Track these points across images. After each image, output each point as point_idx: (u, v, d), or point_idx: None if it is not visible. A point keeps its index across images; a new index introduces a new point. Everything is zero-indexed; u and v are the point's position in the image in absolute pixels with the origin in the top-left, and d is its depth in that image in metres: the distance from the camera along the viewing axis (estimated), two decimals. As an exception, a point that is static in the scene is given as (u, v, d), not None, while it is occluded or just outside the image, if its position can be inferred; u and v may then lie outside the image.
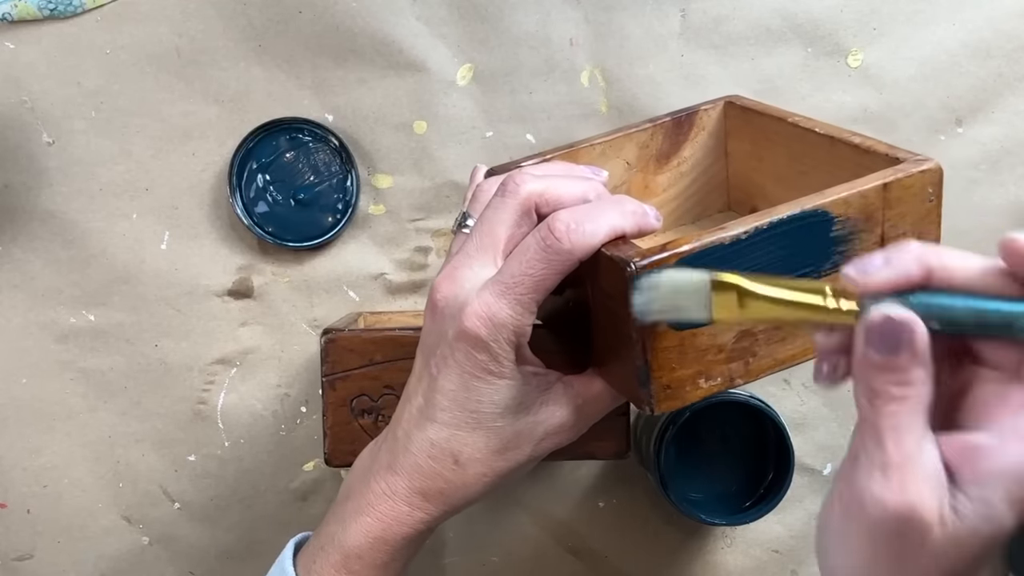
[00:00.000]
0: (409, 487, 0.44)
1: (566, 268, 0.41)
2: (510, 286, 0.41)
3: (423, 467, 0.44)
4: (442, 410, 0.43)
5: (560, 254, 0.41)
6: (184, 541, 0.66)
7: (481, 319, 0.41)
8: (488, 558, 0.67)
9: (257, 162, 0.64)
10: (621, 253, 0.41)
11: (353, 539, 0.44)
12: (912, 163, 0.45)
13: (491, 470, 0.44)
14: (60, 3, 0.63)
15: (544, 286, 0.41)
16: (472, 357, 0.42)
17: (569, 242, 0.40)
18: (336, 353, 0.53)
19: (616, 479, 0.67)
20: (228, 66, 0.64)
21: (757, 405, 0.59)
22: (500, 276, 0.42)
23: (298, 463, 0.66)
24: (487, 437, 0.43)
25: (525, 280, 0.41)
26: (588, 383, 0.46)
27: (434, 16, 0.64)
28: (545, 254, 0.41)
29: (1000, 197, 0.66)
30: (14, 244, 0.64)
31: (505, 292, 0.41)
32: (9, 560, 0.65)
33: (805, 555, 0.67)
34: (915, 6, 0.66)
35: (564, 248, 0.40)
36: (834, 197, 0.43)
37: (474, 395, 0.43)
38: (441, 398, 0.43)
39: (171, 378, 0.65)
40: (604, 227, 0.41)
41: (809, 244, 0.43)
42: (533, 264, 0.41)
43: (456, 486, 0.44)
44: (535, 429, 0.44)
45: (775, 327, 0.43)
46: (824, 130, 0.51)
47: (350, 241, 0.66)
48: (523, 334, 0.42)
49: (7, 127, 0.64)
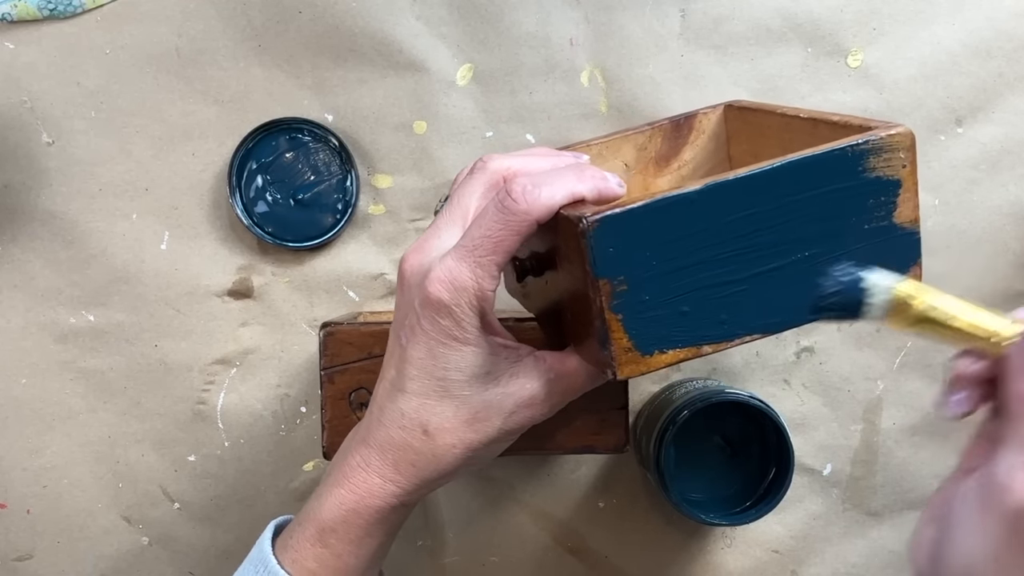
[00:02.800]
0: (381, 459, 0.44)
1: (524, 230, 0.42)
2: (470, 249, 0.42)
3: (394, 438, 0.44)
4: (411, 379, 0.44)
5: (517, 215, 0.41)
6: (184, 541, 0.66)
7: (443, 283, 0.42)
8: (488, 558, 0.67)
9: (257, 162, 0.64)
10: (575, 211, 0.41)
11: (328, 512, 0.45)
12: (882, 129, 0.45)
13: (460, 441, 0.44)
14: (60, 3, 0.63)
15: (503, 247, 0.42)
16: (436, 323, 0.43)
17: (525, 203, 0.41)
18: (335, 346, 0.54)
19: (616, 479, 0.67)
20: (228, 66, 0.64)
21: (757, 405, 0.59)
22: (462, 241, 0.42)
23: (298, 463, 0.66)
24: (455, 407, 0.44)
25: (485, 243, 0.41)
26: (562, 358, 0.46)
27: (434, 16, 0.64)
28: (502, 215, 0.41)
29: (1000, 197, 0.66)
30: (14, 244, 0.64)
31: (465, 256, 0.42)
32: (9, 560, 0.65)
33: (805, 555, 0.67)
34: (915, 6, 0.66)
35: (520, 208, 0.41)
36: (794, 157, 0.43)
37: (440, 362, 0.43)
38: (410, 367, 0.44)
39: (171, 378, 0.65)
40: (561, 190, 0.42)
41: (768, 205, 0.43)
42: (491, 227, 0.41)
43: (427, 458, 0.44)
44: (504, 401, 0.45)
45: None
46: (807, 114, 0.51)
47: (350, 241, 0.66)
48: (485, 298, 0.43)
49: (7, 127, 0.64)
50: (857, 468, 0.67)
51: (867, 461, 0.67)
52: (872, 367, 0.67)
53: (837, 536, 0.67)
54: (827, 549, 0.67)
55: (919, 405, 0.67)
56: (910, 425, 0.67)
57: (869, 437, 0.67)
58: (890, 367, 0.67)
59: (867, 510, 0.67)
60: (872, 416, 0.67)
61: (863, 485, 0.67)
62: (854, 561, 0.67)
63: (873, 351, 0.67)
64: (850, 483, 0.67)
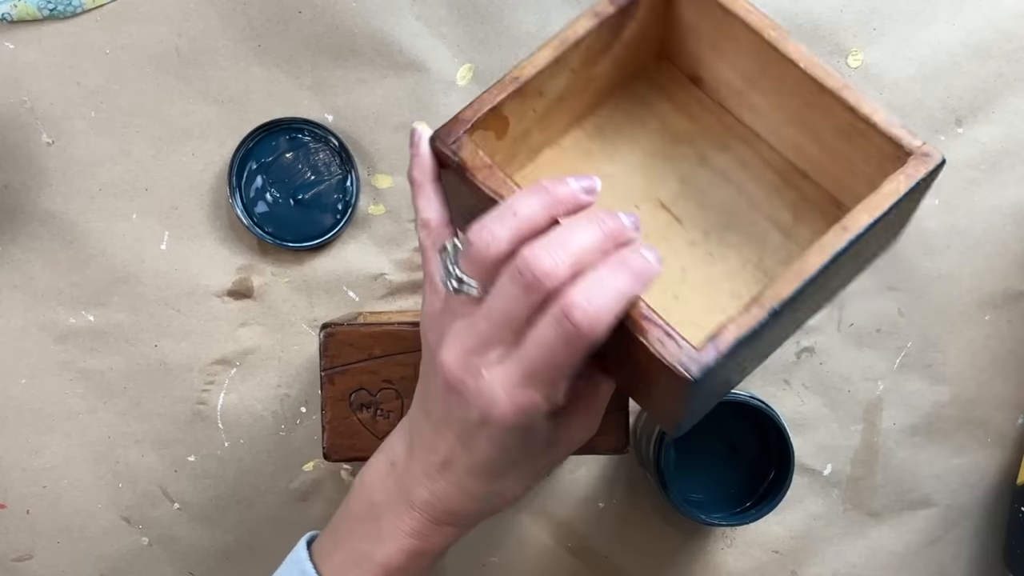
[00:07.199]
0: (445, 513, 0.45)
1: (589, 348, 0.40)
2: (538, 377, 0.41)
3: (460, 501, 0.45)
4: (474, 475, 0.44)
5: (582, 340, 0.40)
6: (184, 541, 0.66)
7: (517, 411, 0.41)
8: (488, 558, 0.67)
9: (257, 162, 0.64)
10: (670, 356, 0.40)
11: (395, 560, 0.45)
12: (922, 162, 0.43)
13: (523, 491, 0.47)
14: (60, 3, 0.63)
15: (570, 366, 0.41)
16: (508, 436, 0.42)
17: (590, 330, 0.39)
18: (335, 347, 0.53)
19: (616, 479, 0.67)
20: (228, 66, 0.64)
21: (757, 405, 0.59)
22: (524, 367, 0.41)
23: (298, 463, 0.66)
24: (523, 474, 0.46)
25: (551, 371, 0.41)
26: (595, 389, 0.46)
27: (434, 16, 0.64)
28: (567, 345, 0.40)
29: (1000, 197, 0.66)
30: (14, 244, 0.64)
31: (534, 383, 0.41)
32: (9, 560, 0.65)
33: (805, 555, 0.67)
34: (915, 6, 0.66)
35: (585, 336, 0.39)
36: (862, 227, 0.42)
37: (513, 456, 0.44)
38: (473, 464, 0.44)
39: (171, 378, 0.65)
40: (619, 302, 0.40)
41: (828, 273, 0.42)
42: (556, 355, 0.40)
43: (490, 511, 0.47)
44: (558, 451, 0.46)
45: None
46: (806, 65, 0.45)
47: (350, 241, 0.66)
48: (557, 403, 0.42)
49: (7, 127, 0.64)
50: (857, 468, 0.67)
51: (867, 461, 0.67)
52: (872, 367, 0.67)
53: (837, 536, 0.67)
54: (827, 549, 0.67)
55: (919, 405, 0.67)
56: (910, 425, 0.67)
57: (869, 437, 0.67)
58: (890, 367, 0.67)
59: (867, 510, 0.67)
60: (872, 416, 0.67)
61: (863, 485, 0.67)
62: (854, 561, 0.67)
63: (873, 351, 0.67)
64: (850, 483, 0.67)
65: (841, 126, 0.45)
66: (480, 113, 0.43)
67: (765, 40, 0.45)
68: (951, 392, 0.67)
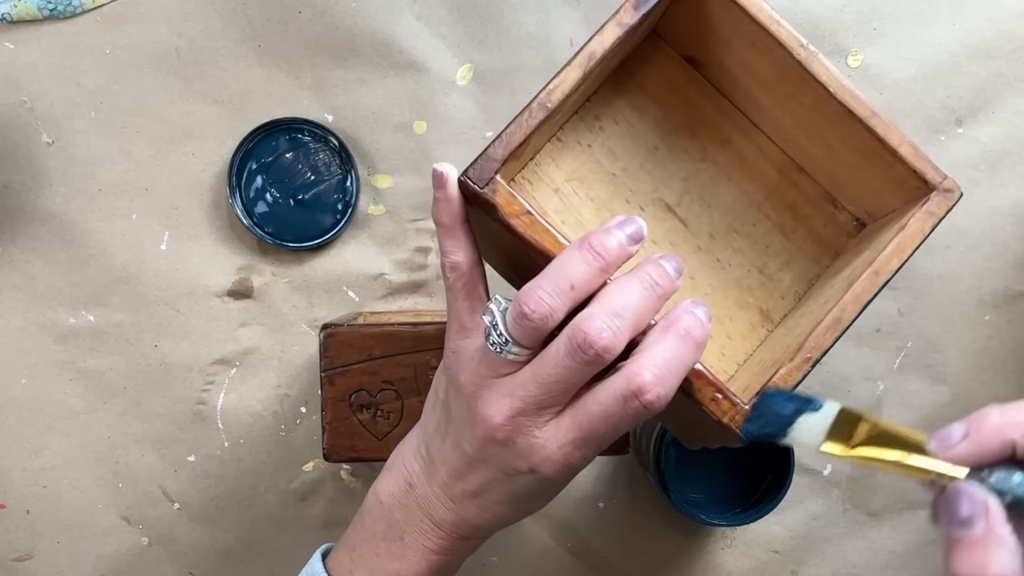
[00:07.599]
0: (472, 529, 0.46)
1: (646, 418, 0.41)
2: (591, 438, 0.41)
3: (489, 521, 0.46)
4: (507, 504, 0.45)
5: (649, 415, 0.40)
6: (184, 541, 0.66)
7: (566, 467, 0.42)
8: (488, 558, 0.67)
9: (257, 162, 0.64)
10: (723, 414, 0.41)
11: (422, 571, 0.46)
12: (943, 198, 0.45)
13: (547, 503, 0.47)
14: (60, 3, 0.63)
15: (623, 431, 0.42)
16: (553, 483, 0.43)
17: (660, 407, 0.40)
18: (335, 348, 0.53)
19: (616, 479, 0.67)
20: (228, 66, 0.64)
21: (757, 405, 0.59)
22: (583, 432, 0.41)
23: (298, 463, 0.66)
24: (548, 498, 0.46)
25: (607, 434, 0.41)
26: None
27: (434, 16, 0.64)
28: (634, 419, 0.40)
29: (1000, 197, 0.66)
30: (14, 244, 0.64)
31: (586, 443, 0.41)
32: (9, 560, 0.65)
33: (805, 555, 0.67)
34: (915, 6, 0.66)
35: (654, 412, 0.40)
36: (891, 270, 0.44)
37: (547, 492, 0.45)
38: (510, 497, 0.44)
39: (171, 378, 0.65)
40: (684, 375, 0.41)
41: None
42: (621, 427, 0.41)
43: (515, 522, 0.47)
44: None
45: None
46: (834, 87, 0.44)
47: (350, 241, 0.66)
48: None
49: (7, 127, 0.64)
50: (857, 468, 0.67)
51: (867, 461, 0.67)
52: (872, 367, 0.67)
53: (837, 536, 0.67)
54: (827, 549, 0.67)
55: (919, 405, 0.67)
56: (910, 425, 0.67)
57: (869, 437, 0.67)
58: (890, 367, 0.67)
59: (867, 510, 0.67)
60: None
61: (863, 485, 0.67)
62: (854, 561, 0.67)
63: (873, 351, 0.67)
64: (850, 483, 0.67)
65: (860, 146, 0.45)
66: (511, 149, 0.42)
67: (794, 58, 0.44)
68: (951, 392, 0.67)
